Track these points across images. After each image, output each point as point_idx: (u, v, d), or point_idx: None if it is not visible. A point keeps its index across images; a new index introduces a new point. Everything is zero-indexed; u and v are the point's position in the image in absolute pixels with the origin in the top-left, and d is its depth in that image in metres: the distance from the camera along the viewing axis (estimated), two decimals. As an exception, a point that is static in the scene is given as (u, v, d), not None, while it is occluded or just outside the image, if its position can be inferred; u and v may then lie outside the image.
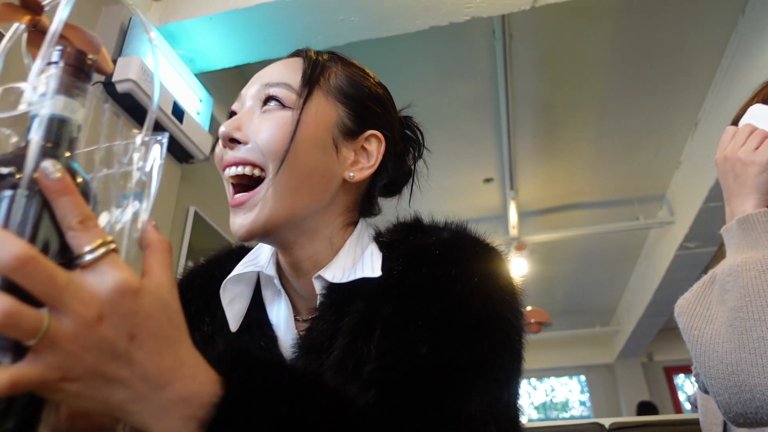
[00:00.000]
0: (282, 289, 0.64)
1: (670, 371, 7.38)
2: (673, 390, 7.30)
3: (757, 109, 0.83)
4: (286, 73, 0.62)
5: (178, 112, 1.89)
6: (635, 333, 6.17)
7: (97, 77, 1.51)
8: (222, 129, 0.59)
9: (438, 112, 3.29)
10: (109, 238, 0.32)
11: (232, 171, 0.58)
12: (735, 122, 0.88)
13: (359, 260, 0.61)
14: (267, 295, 0.65)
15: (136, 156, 0.38)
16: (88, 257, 0.31)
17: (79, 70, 0.37)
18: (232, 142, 0.58)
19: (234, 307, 0.63)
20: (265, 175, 0.57)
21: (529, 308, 4.58)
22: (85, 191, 0.34)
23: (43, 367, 0.29)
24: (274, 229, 0.58)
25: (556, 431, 1.90)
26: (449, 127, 3.44)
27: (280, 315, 0.64)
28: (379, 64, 2.92)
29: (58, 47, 0.37)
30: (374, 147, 0.64)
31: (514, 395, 0.53)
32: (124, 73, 1.68)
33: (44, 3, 0.43)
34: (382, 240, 0.64)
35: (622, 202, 4.35)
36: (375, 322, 0.53)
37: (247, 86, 0.63)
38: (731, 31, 2.76)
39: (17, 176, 0.32)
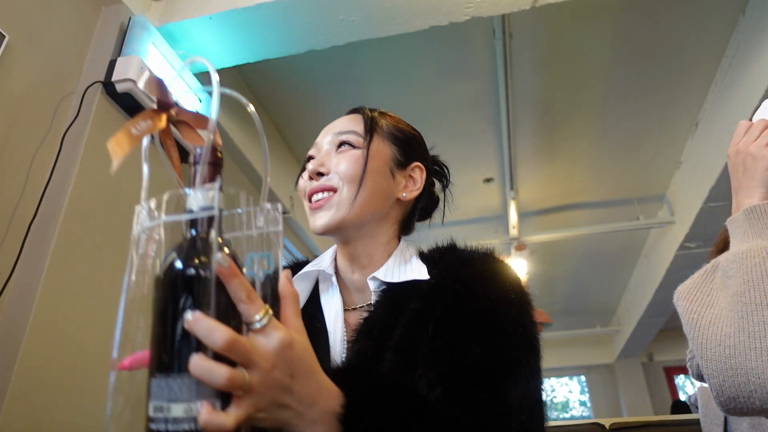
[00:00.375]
0: (336, 285, 0.82)
1: (670, 371, 7.38)
2: (673, 390, 7.30)
3: None
4: (352, 124, 0.83)
5: (178, 112, 1.89)
6: (635, 333, 6.17)
7: (95, 78, 1.53)
8: (310, 166, 0.80)
9: (438, 112, 3.29)
10: (267, 306, 0.45)
11: (319, 196, 0.78)
12: None
13: (405, 266, 0.78)
14: (323, 288, 0.84)
15: (259, 222, 0.50)
16: (258, 325, 0.44)
17: (219, 165, 0.49)
18: (318, 175, 0.79)
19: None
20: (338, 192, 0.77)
21: (529, 308, 4.57)
22: (234, 257, 0.47)
23: (246, 407, 0.43)
24: (345, 226, 0.77)
25: (557, 431, 1.90)
26: (449, 127, 3.44)
27: (332, 305, 0.81)
28: (379, 64, 2.92)
29: (197, 147, 0.49)
30: (418, 175, 0.85)
31: (539, 389, 0.67)
32: (123, 72, 1.68)
33: (174, 99, 0.55)
34: (424, 255, 0.82)
35: (622, 202, 4.35)
36: (428, 319, 0.69)
37: (321, 136, 0.84)
38: (731, 31, 2.76)
39: (200, 260, 0.44)
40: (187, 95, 2.02)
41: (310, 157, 0.83)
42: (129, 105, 1.74)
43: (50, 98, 1.61)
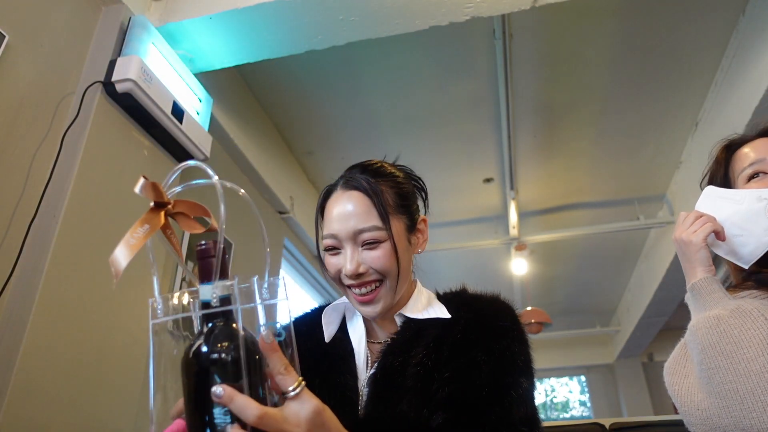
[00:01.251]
0: (360, 315, 0.95)
1: (670, 371, 7.36)
2: (673, 390, 7.29)
3: (708, 190, 0.97)
4: (367, 217, 0.86)
5: (178, 112, 1.89)
6: (635, 333, 6.16)
7: (95, 78, 1.54)
8: (349, 269, 0.85)
9: (438, 111, 3.29)
10: (300, 378, 0.53)
11: (363, 290, 0.87)
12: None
13: (424, 305, 0.91)
14: (348, 317, 0.97)
15: (264, 294, 0.55)
16: (292, 393, 0.52)
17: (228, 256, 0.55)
18: (358, 276, 0.86)
19: (329, 327, 0.95)
20: (381, 282, 0.87)
21: (529, 308, 4.58)
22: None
23: None
24: (392, 306, 0.89)
25: (557, 431, 1.90)
26: (449, 126, 3.44)
27: (356, 331, 0.94)
28: (379, 64, 2.92)
29: (205, 244, 0.56)
30: (423, 226, 0.96)
31: (535, 408, 0.79)
32: (123, 72, 1.68)
33: (169, 196, 0.57)
34: (440, 297, 0.95)
35: (622, 202, 4.35)
36: (444, 342, 0.82)
37: (337, 225, 0.87)
38: (731, 31, 2.76)
39: (227, 345, 0.51)
40: (189, 97, 2.02)
41: (332, 247, 0.89)
42: (129, 105, 1.74)
43: (50, 98, 1.61)
